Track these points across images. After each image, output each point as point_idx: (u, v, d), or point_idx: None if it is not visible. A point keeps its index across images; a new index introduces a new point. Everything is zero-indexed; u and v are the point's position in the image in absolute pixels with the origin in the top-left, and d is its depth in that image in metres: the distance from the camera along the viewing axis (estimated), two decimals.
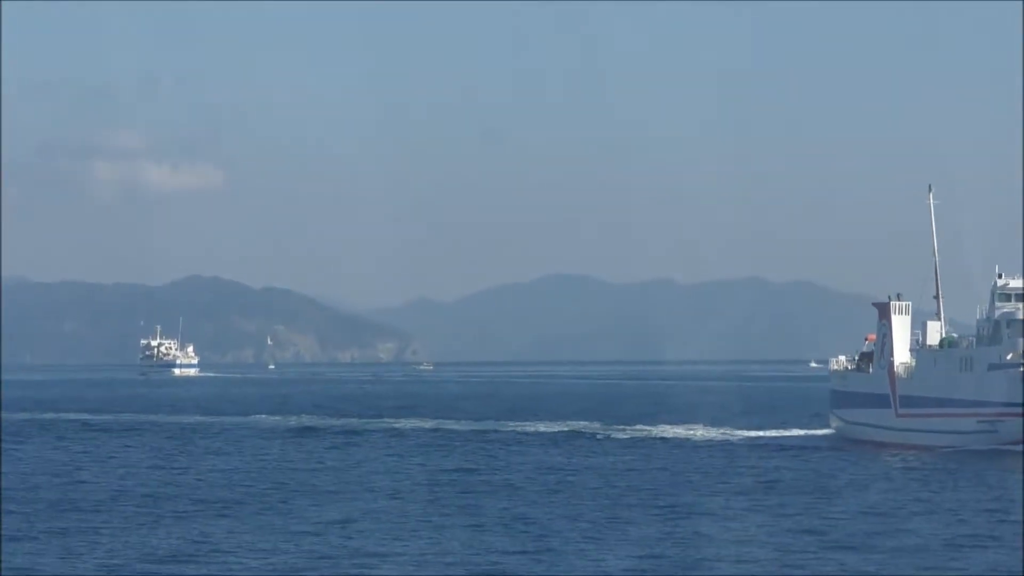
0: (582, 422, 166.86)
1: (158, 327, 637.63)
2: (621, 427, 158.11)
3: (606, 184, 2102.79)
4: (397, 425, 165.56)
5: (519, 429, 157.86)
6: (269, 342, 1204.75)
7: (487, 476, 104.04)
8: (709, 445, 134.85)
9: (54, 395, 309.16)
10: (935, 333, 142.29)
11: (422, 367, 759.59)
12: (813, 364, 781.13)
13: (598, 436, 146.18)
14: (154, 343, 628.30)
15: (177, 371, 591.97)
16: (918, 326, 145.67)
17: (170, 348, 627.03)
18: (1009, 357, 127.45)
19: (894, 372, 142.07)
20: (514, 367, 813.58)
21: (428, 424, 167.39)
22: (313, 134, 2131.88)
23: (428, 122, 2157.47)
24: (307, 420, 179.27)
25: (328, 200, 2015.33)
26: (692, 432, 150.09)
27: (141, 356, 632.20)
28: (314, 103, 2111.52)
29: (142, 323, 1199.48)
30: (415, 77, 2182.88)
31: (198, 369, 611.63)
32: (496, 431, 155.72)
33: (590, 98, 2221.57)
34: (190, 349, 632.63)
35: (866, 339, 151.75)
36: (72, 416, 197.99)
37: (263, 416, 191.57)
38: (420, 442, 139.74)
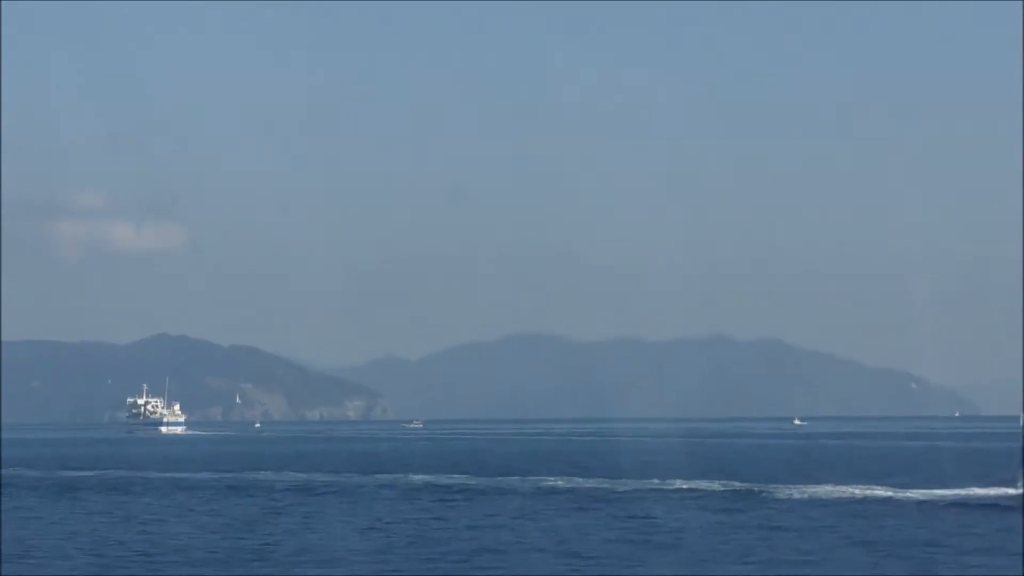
0: (734, 481, 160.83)
1: (144, 386, 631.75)
2: (779, 486, 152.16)
3: (570, 242, 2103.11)
4: (621, 487, 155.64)
5: (683, 487, 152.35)
6: (237, 400, 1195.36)
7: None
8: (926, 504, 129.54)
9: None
10: None
11: (412, 425, 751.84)
12: (797, 421, 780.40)
13: (795, 495, 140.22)
14: (140, 401, 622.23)
15: (164, 429, 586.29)
16: None
17: (156, 406, 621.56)
18: None
19: None
20: (512, 424, 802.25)
21: (603, 484, 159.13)
22: (276, 192, 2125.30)
23: (394, 180, 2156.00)
24: (560, 482, 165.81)
25: (292, 258, 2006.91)
26: (872, 491, 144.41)
27: (128, 414, 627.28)
28: (277, 160, 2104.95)
29: (110, 382, 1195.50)
30: (380, 135, 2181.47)
31: (185, 427, 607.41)
32: (674, 489, 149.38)
33: (551, 159, 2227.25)
34: (176, 407, 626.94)
35: None
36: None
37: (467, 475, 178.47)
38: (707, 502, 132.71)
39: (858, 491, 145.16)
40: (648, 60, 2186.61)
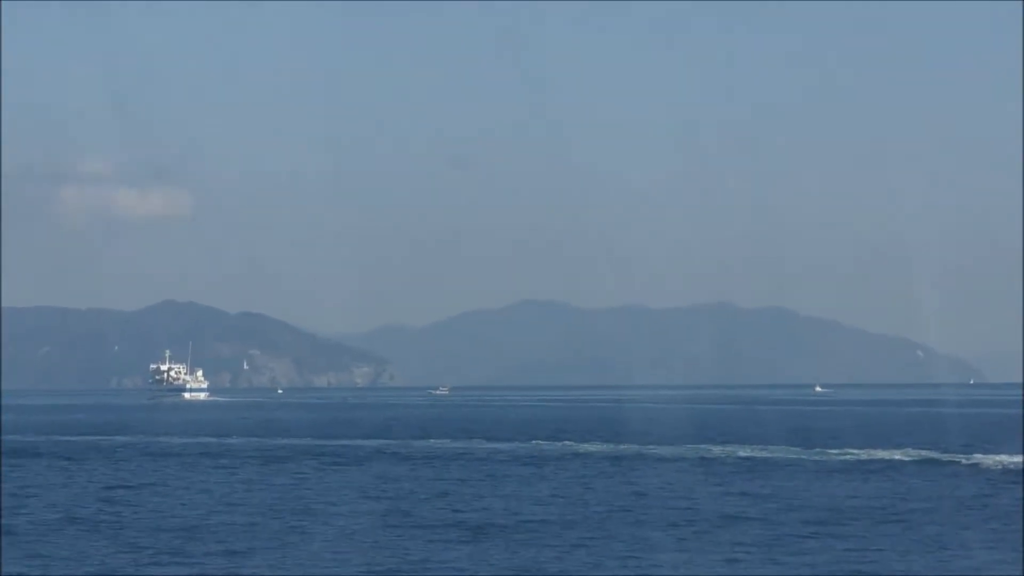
0: (920, 450, 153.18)
1: (167, 352, 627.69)
2: (967, 455, 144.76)
3: (575, 210, 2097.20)
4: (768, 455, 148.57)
5: (887, 457, 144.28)
6: (245, 367, 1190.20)
7: None
8: None
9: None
10: None
11: (438, 391, 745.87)
12: (818, 388, 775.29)
13: (996, 465, 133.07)
14: (164, 367, 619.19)
15: (187, 395, 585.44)
16: None
17: (180, 372, 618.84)
18: None
19: None
20: (534, 391, 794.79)
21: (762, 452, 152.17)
22: (283, 159, 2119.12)
23: (398, 148, 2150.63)
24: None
25: (298, 225, 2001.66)
26: None
27: (151, 380, 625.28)
28: (284, 129, 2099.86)
29: (116, 348, 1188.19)
30: (385, 104, 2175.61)
31: (208, 393, 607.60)
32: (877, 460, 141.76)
33: (556, 126, 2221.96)
34: (199, 373, 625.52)
35: None
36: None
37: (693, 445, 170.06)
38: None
39: None
40: (651, 30, 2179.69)
